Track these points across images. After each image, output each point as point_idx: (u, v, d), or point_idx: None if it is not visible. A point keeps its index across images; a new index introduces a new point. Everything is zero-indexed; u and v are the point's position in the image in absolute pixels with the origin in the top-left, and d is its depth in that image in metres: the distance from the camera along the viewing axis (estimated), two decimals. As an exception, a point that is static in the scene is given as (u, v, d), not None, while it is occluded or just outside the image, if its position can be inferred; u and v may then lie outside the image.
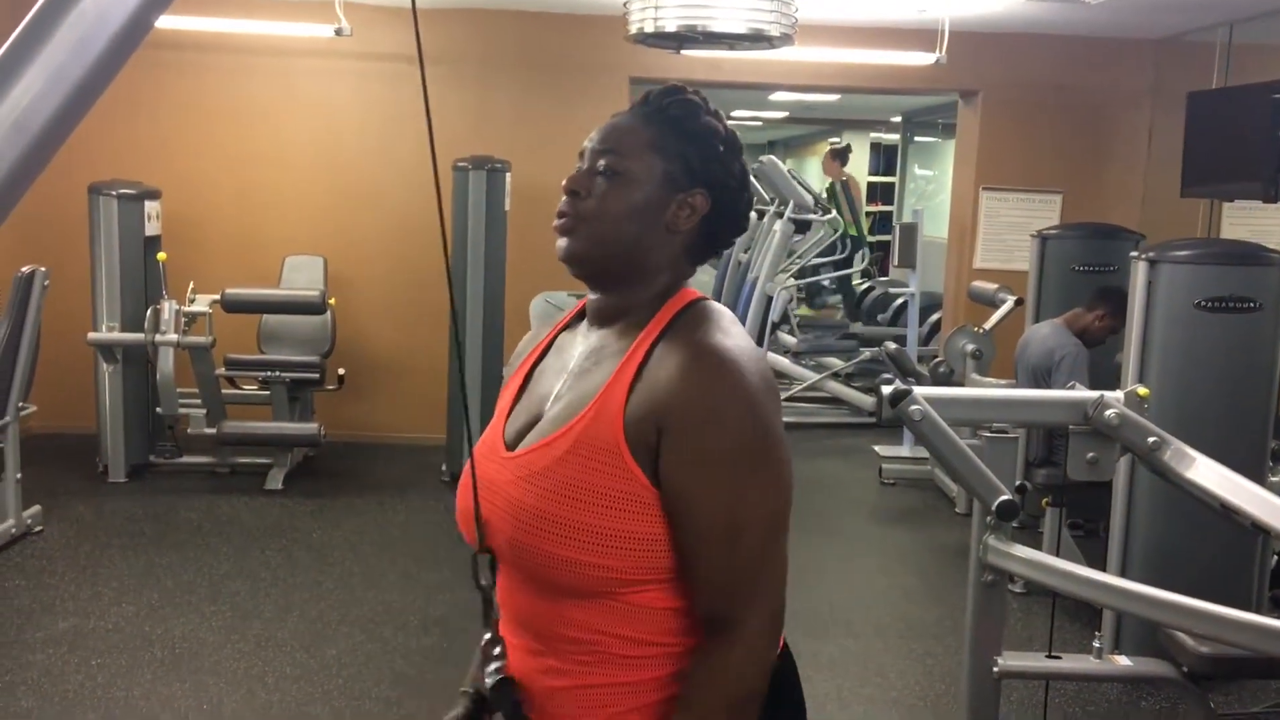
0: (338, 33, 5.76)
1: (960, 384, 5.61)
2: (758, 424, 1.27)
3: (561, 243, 1.37)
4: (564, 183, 1.37)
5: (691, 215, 1.36)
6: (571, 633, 1.32)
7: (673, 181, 1.36)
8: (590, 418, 1.29)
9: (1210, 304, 3.75)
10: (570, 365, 1.40)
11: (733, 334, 1.32)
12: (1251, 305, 3.76)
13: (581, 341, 1.42)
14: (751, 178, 1.44)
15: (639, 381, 1.29)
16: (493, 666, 1.31)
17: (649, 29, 4.02)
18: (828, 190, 10.58)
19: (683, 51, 4.70)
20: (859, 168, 13.02)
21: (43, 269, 4.87)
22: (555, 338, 1.48)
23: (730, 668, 1.28)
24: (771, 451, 1.28)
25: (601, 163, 1.36)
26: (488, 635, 1.32)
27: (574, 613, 1.31)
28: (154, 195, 6.07)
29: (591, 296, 1.42)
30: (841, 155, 10.80)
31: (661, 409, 1.25)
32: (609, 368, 1.32)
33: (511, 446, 1.37)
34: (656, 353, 1.30)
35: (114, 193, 5.81)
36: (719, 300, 5.96)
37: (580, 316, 1.46)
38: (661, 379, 1.27)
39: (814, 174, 14.26)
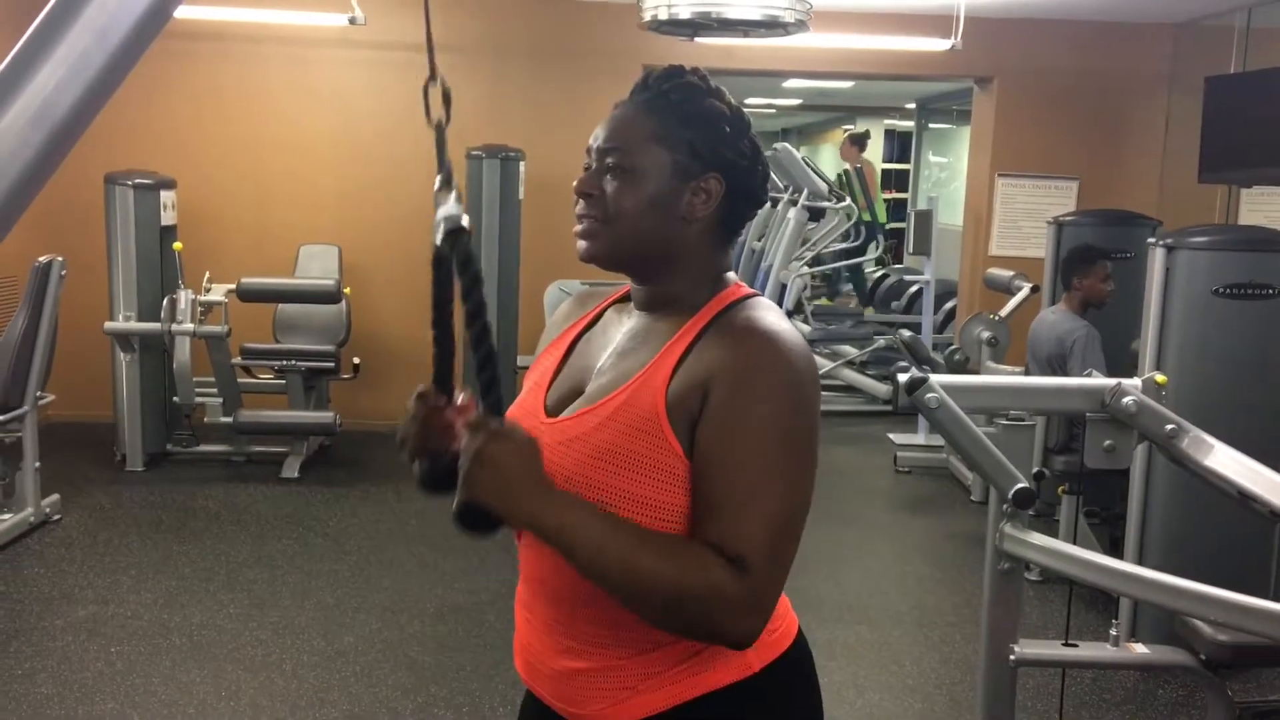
0: (352, 21, 5.77)
1: (976, 372, 5.59)
2: (800, 409, 1.28)
3: (581, 245, 1.37)
4: (574, 186, 1.37)
5: (708, 201, 1.36)
6: (590, 605, 1.32)
7: (683, 170, 1.35)
8: (633, 390, 1.30)
9: (1228, 290, 3.72)
10: (615, 343, 1.41)
11: (784, 323, 1.33)
12: (1270, 292, 3.73)
13: (627, 321, 1.43)
14: (762, 149, 1.42)
15: (686, 359, 1.30)
16: (444, 212, 1.21)
17: (663, 16, 4.01)
18: (843, 175, 10.56)
19: (696, 39, 4.69)
20: (873, 155, 12.98)
21: (59, 259, 4.90)
22: (601, 313, 1.49)
23: (709, 570, 1.21)
24: (808, 438, 1.29)
25: (609, 161, 1.35)
26: (439, 178, 1.23)
27: (592, 584, 1.30)
28: (170, 185, 6.08)
29: (633, 285, 1.43)
30: (860, 141, 10.77)
31: (710, 376, 1.26)
32: (655, 346, 1.34)
33: (552, 414, 1.39)
34: (706, 337, 1.31)
35: (130, 182, 5.83)
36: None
37: (628, 295, 1.47)
38: (711, 354, 1.28)
39: (828, 161, 14.23)
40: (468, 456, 1.20)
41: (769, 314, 1.34)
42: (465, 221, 1.22)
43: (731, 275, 1.42)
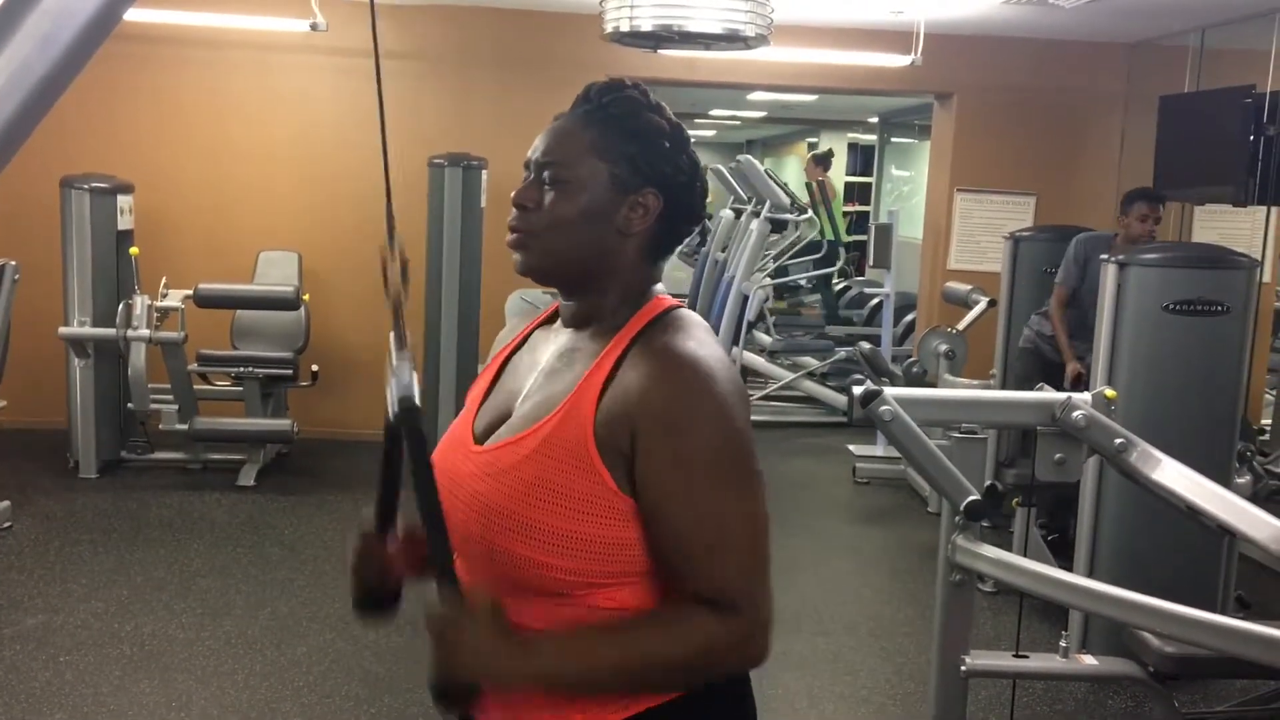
0: (313, 27, 5.74)
1: (934, 384, 5.64)
2: (732, 431, 1.27)
3: (516, 257, 1.37)
4: (511, 196, 1.37)
5: (645, 215, 1.35)
6: (525, 621, 1.30)
7: (620, 184, 1.34)
8: (560, 418, 1.28)
9: (1178, 307, 3.79)
10: (542, 364, 1.40)
11: (705, 342, 1.32)
12: (1219, 309, 3.80)
13: (554, 341, 1.42)
14: (701, 166, 1.42)
15: (610, 385, 1.28)
16: (398, 388, 1.21)
17: (624, 28, 4.03)
18: (808, 187, 10.66)
19: (659, 51, 4.71)
20: (837, 168, 13.07)
21: (13, 262, 4.84)
22: (530, 334, 1.48)
23: (700, 629, 1.25)
24: (747, 458, 1.29)
25: (546, 173, 1.35)
26: (393, 341, 1.24)
27: (531, 610, 1.30)
28: (127, 189, 6.03)
29: (562, 300, 1.43)
30: (824, 160, 10.89)
31: (634, 415, 1.25)
32: (580, 370, 1.32)
33: (480, 440, 1.37)
34: (629, 359, 1.30)
35: (86, 186, 5.77)
36: (695, 299, 5.94)
37: (556, 315, 1.46)
38: (634, 385, 1.26)
39: (792, 174, 14.30)
40: (433, 639, 1.22)
41: (687, 336, 1.31)
42: (418, 398, 1.22)
43: (658, 287, 1.41)
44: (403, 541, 1.37)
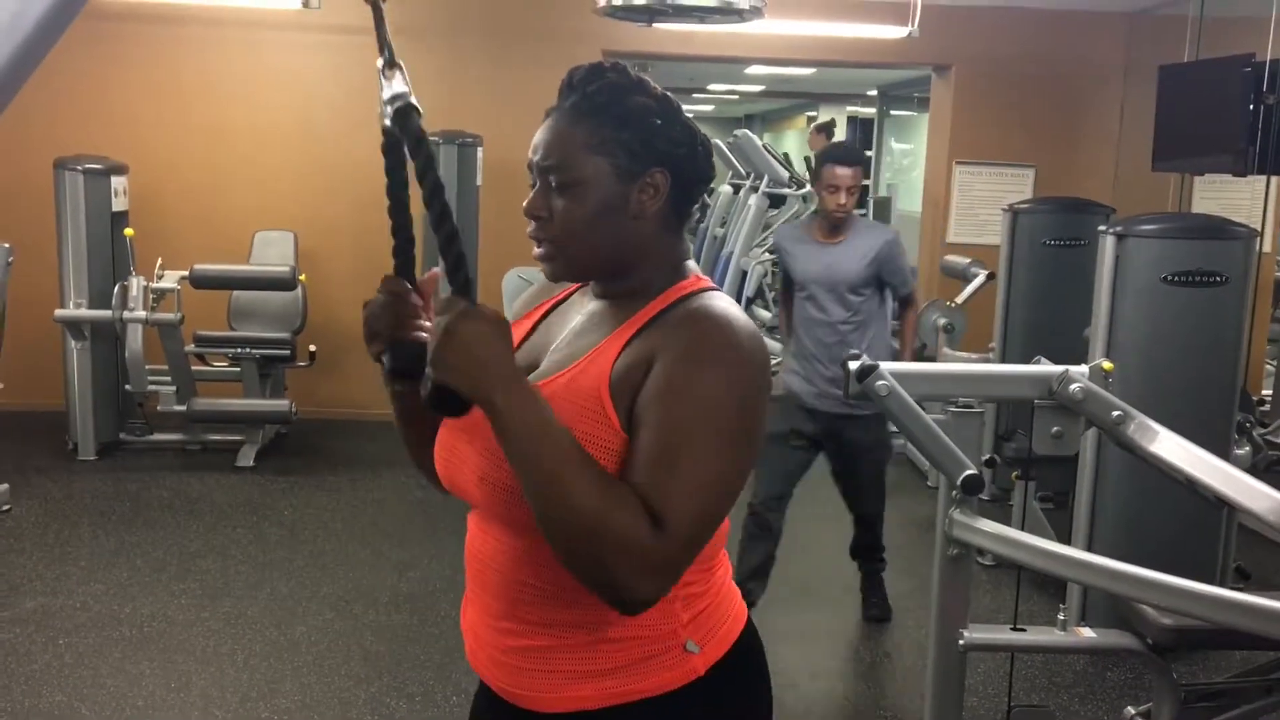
0: (306, 5, 5.69)
1: (933, 358, 5.62)
2: (740, 389, 1.26)
3: (545, 268, 1.39)
4: (524, 208, 1.37)
5: (655, 195, 1.36)
6: (534, 580, 1.32)
7: (624, 173, 1.34)
8: (580, 369, 1.31)
9: (1177, 278, 3.76)
10: (573, 324, 1.43)
11: (737, 312, 1.34)
12: (1218, 279, 3.77)
13: (588, 305, 1.44)
14: (697, 129, 1.42)
15: (634, 341, 1.31)
16: (391, 92, 1.19)
17: (617, 1, 3.99)
18: (806, 161, 10.62)
19: (653, 24, 4.68)
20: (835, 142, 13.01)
21: (6, 245, 4.82)
22: (568, 297, 1.50)
23: (634, 517, 1.19)
24: (744, 422, 1.27)
25: (551, 179, 1.35)
26: (382, 58, 1.23)
27: (538, 556, 1.29)
28: (121, 170, 6.00)
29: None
30: (827, 129, 10.85)
31: (655, 352, 1.27)
32: (609, 329, 1.35)
33: None
34: (658, 322, 1.32)
35: (80, 168, 5.74)
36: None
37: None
38: (659, 335, 1.29)
39: (792, 148, 14.24)
40: (437, 334, 1.19)
41: (722, 301, 1.34)
42: (414, 99, 1.21)
43: (691, 265, 1.42)
44: (424, 283, 1.36)
